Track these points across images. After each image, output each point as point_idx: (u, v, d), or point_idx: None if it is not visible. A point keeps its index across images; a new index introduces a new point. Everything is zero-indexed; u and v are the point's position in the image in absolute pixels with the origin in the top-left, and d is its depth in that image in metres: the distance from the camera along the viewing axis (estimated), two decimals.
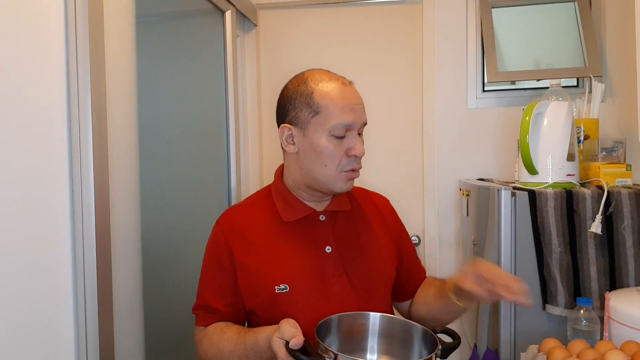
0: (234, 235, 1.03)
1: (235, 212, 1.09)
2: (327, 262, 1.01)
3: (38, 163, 0.94)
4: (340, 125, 0.95)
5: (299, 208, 1.04)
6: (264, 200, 1.08)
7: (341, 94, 0.96)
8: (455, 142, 1.96)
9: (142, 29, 1.24)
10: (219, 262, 1.03)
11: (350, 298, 1.01)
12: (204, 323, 1.04)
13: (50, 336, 0.97)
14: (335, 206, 1.06)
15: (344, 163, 0.97)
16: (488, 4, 1.90)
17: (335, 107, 0.95)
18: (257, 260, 1.01)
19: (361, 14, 2.07)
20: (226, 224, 1.05)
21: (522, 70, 1.87)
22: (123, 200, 1.14)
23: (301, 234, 1.03)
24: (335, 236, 1.04)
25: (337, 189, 1.00)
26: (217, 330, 1.00)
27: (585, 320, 1.10)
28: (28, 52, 0.92)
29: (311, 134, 0.96)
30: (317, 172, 0.98)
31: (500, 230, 1.28)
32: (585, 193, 1.24)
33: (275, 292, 0.98)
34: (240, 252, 1.02)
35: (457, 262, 1.97)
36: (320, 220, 1.05)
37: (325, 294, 0.99)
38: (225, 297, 1.03)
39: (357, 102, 0.98)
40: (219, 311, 1.03)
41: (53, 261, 0.97)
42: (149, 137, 1.32)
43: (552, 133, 1.33)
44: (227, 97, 1.82)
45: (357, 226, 1.08)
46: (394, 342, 0.91)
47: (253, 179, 2.10)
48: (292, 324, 0.82)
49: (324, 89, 0.97)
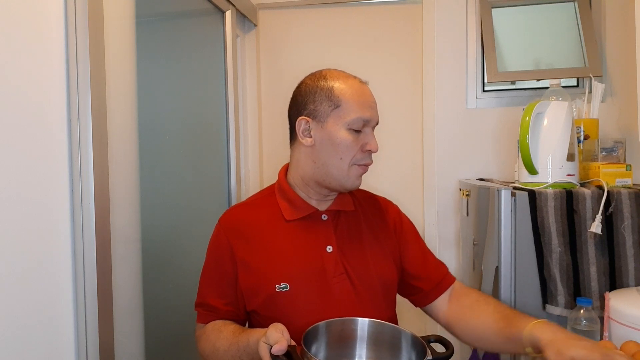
0: (235, 234, 1.04)
1: (238, 211, 1.09)
2: (328, 262, 1.01)
3: (38, 163, 0.94)
4: (360, 119, 0.99)
5: (302, 207, 1.04)
6: (267, 199, 1.08)
7: (360, 91, 1.01)
8: (455, 142, 1.96)
9: (142, 29, 1.24)
10: (220, 261, 1.04)
11: (351, 298, 1.01)
12: (204, 320, 1.05)
13: (50, 336, 0.97)
14: (338, 206, 1.07)
15: (359, 157, 1.01)
16: (488, 4, 1.90)
17: (355, 103, 1.00)
18: (258, 259, 1.01)
19: (361, 14, 2.07)
20: (228, 223, 1.06)
21: (522, 70, 1.87)
22: (123, 200, 1.14)
23: (303, 233, 1.03)
24: (337, 236, 1.04)
25: (348, 184, 1.02)
26: (215, 329, 1.01)
27: (585, 320, 1.10)
28: (28, 52, 0.92)
29: (330, 126, 0.99)
30: (331, 166, 1.00)
31: (500, 230, 1.28)
32: (585, 193, 1.24)
33: (276, 290, 0.98)
34: (241, 250, 1.02)
35: (457, 262, 1.97)
36: (322, 220, 1.05)
37: (325, 293, 0.99)
38: (225, 297, 1.03)
39: (374, 100, 1.04)
40: (218, 310, 1.04)
41: (53, 261, 0.97)
42: (149, 137, 1.32)
43: (552, 133, 1.33)
44: (227, 97, 1.82)
45: (360, 227, 1.08)
46: (383, 348, 0.89)
47: (253, 179, 2.10)
48: (279, 329, 0.81)
49: (344, 85, 1.01)
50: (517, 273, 1.27)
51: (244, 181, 1.99)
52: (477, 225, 1.53)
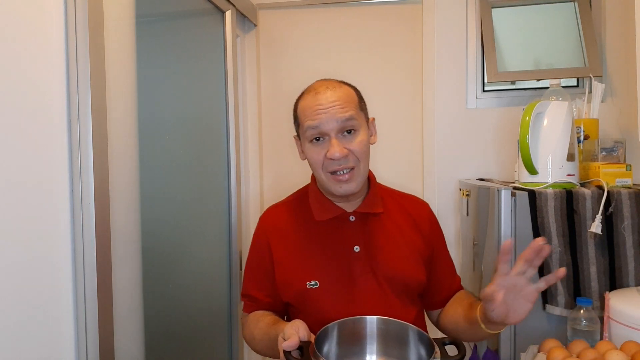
0: (272, 232, 1.12)
1: (275, 211, 1.18)
2: (355, 261, 1.06)
3: (38, 163, 0.94)
4: (309, 128, 1.02)
5: (330, 208, 1.10)
6: (300, 200, 1.16)
7: (310, 101, 1.03)
8: (455, 142, 1.96)
9: (142, 29, 1.24)
10: (259, 256, 1.13)
11: (377, 296, 1.05)
12: (248, 310, 1.15)
13: (50, 336, 0.97)
14: (366, 208, 1.10)
15: (327, 164, 1.03)
16: (488, 4, 1.90)
17: (304, 115, 1.04)
18: (292, 257, 1.08)
19: (361, 14, 2.07)
20: (267, 222, 1.15)
21: (522, 70, 1.87)
22: (123, 200, 1.14)
23: (331, 233, 1.09)
24: (364, 236, 1.08)
25: (333, 191, 1.05)
26: (254, 319, 1.10)
27: (585, 320, 1.10)
28: (28, 52, 0.92)
29: (302, 143, 1.07)
30: (317, 178, 1.07)
31: (500, 230, 1.28)
32: (585, 193, 1.24)
33: (307, 287, 1.04)
34: (277, 248, 1.10)
35: (457, 262, 1.97)
36: (350, 221, 1.10)
37: (352, 291, 1.04)
38: (264, 289, 1.12)
39: (327, 105, 1.01)
40: (259, 300, 1.13)
41: (53, 261, 0.97)
42: (149, 137, 1.32)
43: (552, 133, 1.33)
44: (227, 97, 1.81)
45: (387, 228, 1.11)
46: (393, 344, 0.91)
47: (253, 179, 2.10)
48: (295, 325, 0.86)
49: (303, 100, 1.06)
50: None
51: (243, 181, 1.99)
52: (477, 225, 1.53)
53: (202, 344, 1.60)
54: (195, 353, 1.55)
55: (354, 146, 1.01)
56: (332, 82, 1.06)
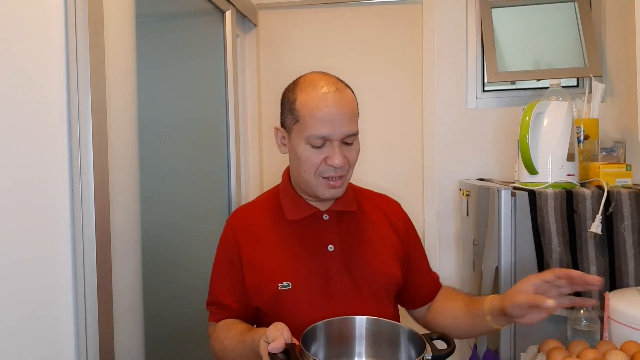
0: (242, 233, 1.06)
1: (245, 211, 1.11)
2: (329, 261, 1.02)
3: (38, 163, 0.94)
4: (315, 136, 0.95)
5: (304, 207, 1.05)
6: (272, 199, 1.10)
7: (320, 104, 0.95)
8: (455, 142, 1.96)
9: (142, 29, 1.24)
10: (228, 259, 1.06)
11: (352, 296, 1.02)
12: (215, 319, 1.07)
13: (50, 336, 0.97)
14: (340, 206, 1.07)
15: (323, 169, 0.97)
16: (488, 4, 1.90)
17: (312, 118, 0.95)
18: (262, 258, 1.03)
19: (361, 14, 2.07)
20: (235, 222, 1.09)
21: (522, 70, 1.87)
22: (123, 200, 1.14)
23: (305, 233, 1.05)
24: (338, 235, 1.05)
25: (319, 194, 1.00)
26: (225, 328, 1.03)
27: (585, 320, 1.10)
28: (28, 52, 0.92)
29: (293, 139, 0.99)
30: (300, 176, 1.01)
31: (500, 230, 1.28)
32: (585, 193, 1.24)
33: (279, 289, 0.99)
34: (247, 249, 1.04)
35: (457, 262, 1.97)
36: (323, 220, 1.06)
37: (327, 292, 1.01)
38: (235, 294, 1.05)
39: (338, 112, 0.95)
40: (229, 307, 1.05)
41: (53, 261, 0.97)
42: (149, 137, 1.32)
43: (552, 133, 1.33)
44: (227, 97, 1.81)
45: (362, 226, 1.09)
46: (382, 345, 0.89)
47: (253, 179, 2.10)
48: (279, 327, 0.81)
49: (305, 98, 0.96)
50: (517, 273, 1.27)
51: (244, 181, 1.99)
52: (477, 225, 1.53)
53: (202, 344, 1.60)
54: (195, 353, 1.55)
55: (352, 155, 1.00)
56: (336, 82, 1.01)
